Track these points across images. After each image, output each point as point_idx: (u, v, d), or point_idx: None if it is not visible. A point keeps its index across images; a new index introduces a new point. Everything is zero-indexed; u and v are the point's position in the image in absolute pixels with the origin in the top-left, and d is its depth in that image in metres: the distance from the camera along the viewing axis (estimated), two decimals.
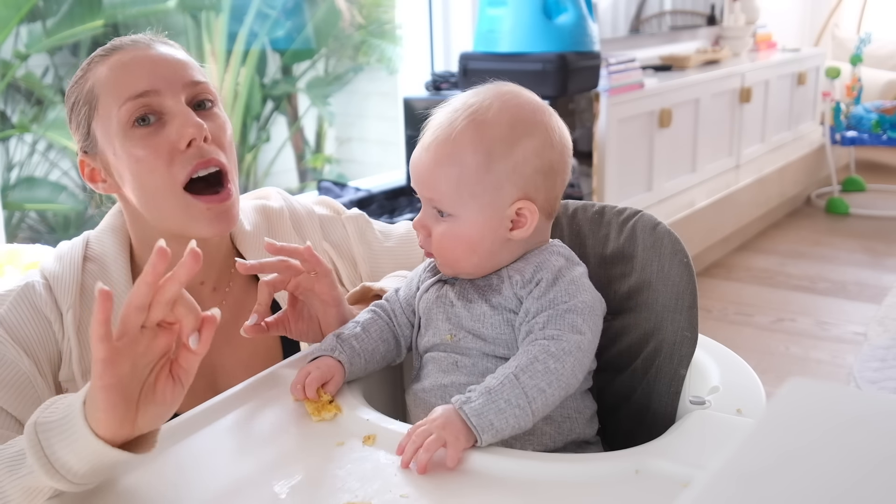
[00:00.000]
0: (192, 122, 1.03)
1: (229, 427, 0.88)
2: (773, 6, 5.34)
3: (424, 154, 0.89)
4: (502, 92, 0.91)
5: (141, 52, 1.06)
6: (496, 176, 0.88)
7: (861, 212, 4.54)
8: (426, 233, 0.92)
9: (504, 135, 0.88)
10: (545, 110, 0.91)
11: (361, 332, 0.95)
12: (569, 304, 0.86)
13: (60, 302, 1.05)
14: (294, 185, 3.57)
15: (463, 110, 0.89)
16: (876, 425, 0.42)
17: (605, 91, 3.08)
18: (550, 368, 0.82)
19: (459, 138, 0.87)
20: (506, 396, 0.80)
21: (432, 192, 0.89)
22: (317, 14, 3.39)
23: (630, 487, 0.75)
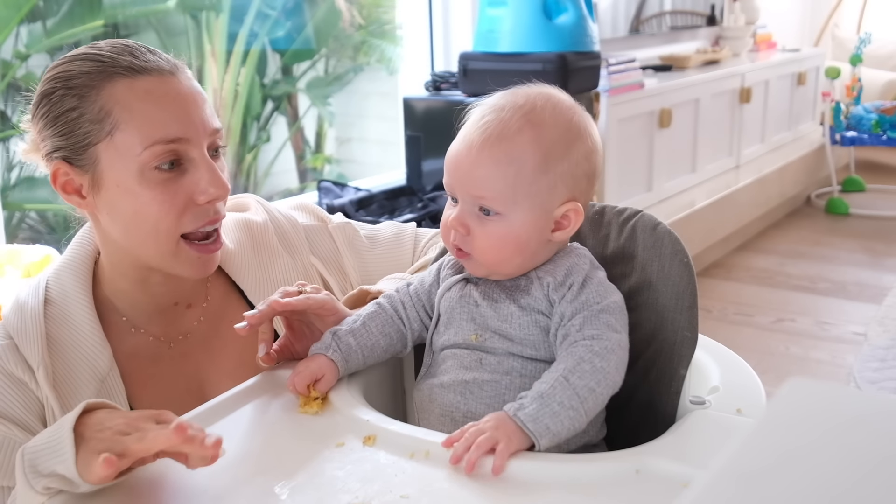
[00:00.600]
0: (218, 183, 1.02)
1: (229, 428, 0.88)
2: (773, 6, 5.34)
3: (475, 153, 0.88)
4: (550, 94, 0.92)
5: (170, 84, 1.01)
6: (552, 177, 0.88)
7: (861, 212, 4.54)
8: (465, 231, 0.90)
9: (561, 137, 0.89)
10: (588, 117, 0.94)
11: (360, 327, 0.95)
12: (602, 305, 0.87)
13: (29, 359, 1.01)
14: (294, 185, 3.57)
15: (515, 110, 0.89)
16: (876, 425, 0.42)
17: (605, 91, 3.08)
18: (598, 367, 0.83)
19: (518, 138, 0.87)
20: (559, 399, 0.80)
21: (483, 191, 0.88)
22: (317, 14, 3.39)
23: (630, 487, 0.75)
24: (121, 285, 1.09)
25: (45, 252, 1.76)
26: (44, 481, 0.79)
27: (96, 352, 1.04)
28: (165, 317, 1.12)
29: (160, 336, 1.11)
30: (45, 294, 1.07)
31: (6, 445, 0.99)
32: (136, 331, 1.10)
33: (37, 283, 1.08)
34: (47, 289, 1.08)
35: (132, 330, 1.10)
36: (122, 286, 1.09)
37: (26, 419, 1.00)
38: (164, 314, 1.12)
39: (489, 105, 0.91)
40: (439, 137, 2.87)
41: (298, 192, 3.37)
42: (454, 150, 0.91)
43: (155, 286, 1.09)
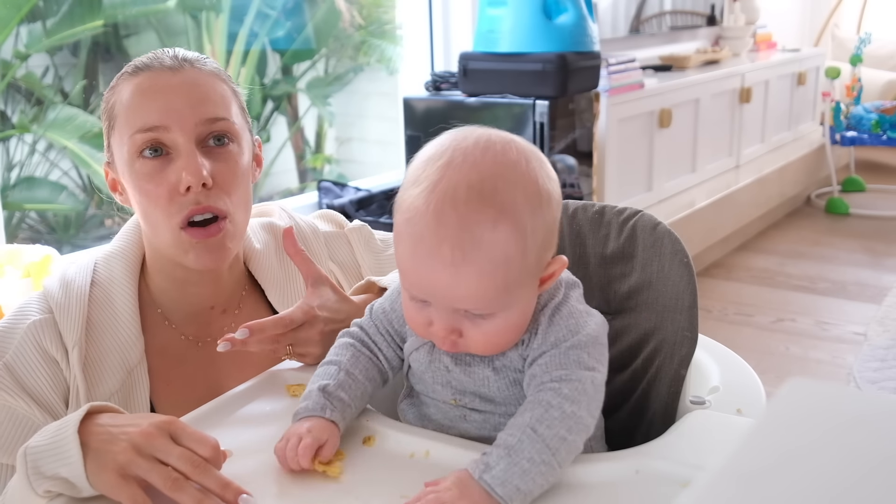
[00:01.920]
0: (193, 170, 1.01)
1: (228, 429, 0.88)
2: (773, 6, 5.34)
3: (450, 269, 0.74)
4: (498, 157, 0.76)
5: (164, 78, 1.04)
6: (537, 253, 0.78)
7: (861, 212, 4.54)
8: (458, 336, 0.79)
9: (536, 210, 0.76)
10: (538, 154, 0.80)
11: (347, 379, 0.85)
12: (572, 341, 0.79)
13: (66, 338, 1.03)
14: (294, 185, 3.57)
15: (478, 199, 0.73)
16: (876, 425, 0.42)
17: (605, 91, 3.08)
18: (567, 413, 0.74)
19: (497, 237, 0.73)
20: (527, 454, 0.72)
21: (470, 304, 0.77)
22: (317, 14, 3.39)
23: (630, 487, 0.75)
24: (162, 283, 1.12)
25: (45, 252, 1.76)
26: (46, 484, 0.79)
27: (131, 342, 1.06)
28: (200, 319, 1.14)
29: (191, 336, 1.13)
30: (92, 275, 1.09)
31: (22, 423, 1.00)
32: (170, 326, 1.12)
33: (86, 263, 1.10)
34: (95, 271, 1.10)
35: (166, 324, 1.12)
36: (163, 284, 1.12)
37: (51, 399, 1.01)
38: (200, 316, 1.14)
39: (439, 191, 0.74)
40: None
41: (298, 192, 3.37)
42: (415, 262, 0.76)
43: (192, 286, 1.11)
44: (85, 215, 2.95)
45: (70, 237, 2.88)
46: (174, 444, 0.77)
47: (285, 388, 0.95)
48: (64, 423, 0.81)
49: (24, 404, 0.99)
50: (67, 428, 0.80)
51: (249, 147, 1.11)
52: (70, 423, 0.80)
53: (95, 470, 0.77)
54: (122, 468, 0.76)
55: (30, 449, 0.81)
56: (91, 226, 2.94)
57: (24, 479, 0.80)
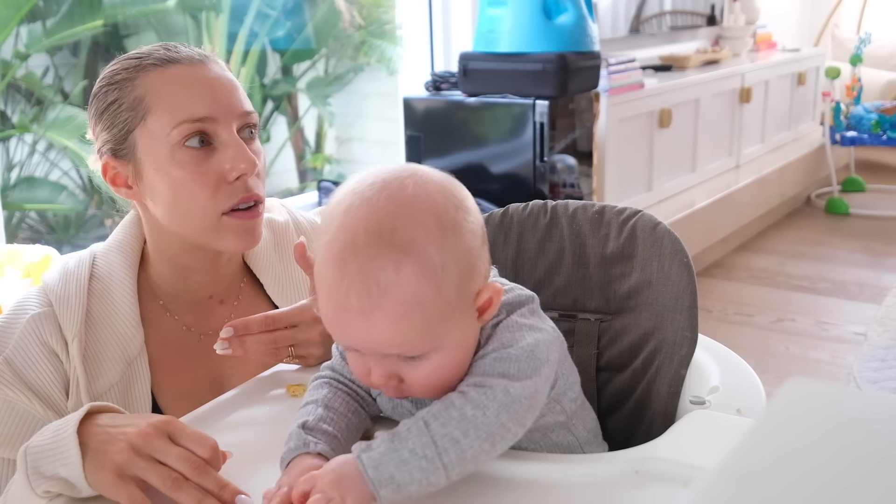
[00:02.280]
0: (246, 158, 1.05)
1: (228, 429, 0.88)
2: (773, 6, 5.34)
3: (363, 318, 0.71)
4: (395, 195, 0.73)
5: (199, 71, 1.06)
6: (455, 286, 0.73)
7: (861, 212, 4.54)
8: (397, 381, 0.76)
9: (443, 243, 0.72)
10: (443, 184, 0.76)
11: (327, 413, 0.80)
12: (500, 353, 0.75)
13: (65, 331, 1.03)
14: (294, 185, 3.57)
15: (377, 242, 0.71)
16: (876, 425, 0.42)
17: (605, 91, 3.08)
18: (468, 416, 0.70)
19: (402, 279, 0.70)
20: (410, 445, 0.69)
21: (394, 349, 0.74)
22: (317, 14, 3.39)
23: (630, 487, 0.75)
24: (163, 272, 1.13)
25: (45, 252, 1.76)
26: (45, 484, 0.79)
27: (130, 334, 1.07)
28: (200, 309, 1.15)
29: (192, 326, 1.14)
30: (91, 268, 1.10)
31: (23, 418, 1.00)
32: (171, 317, 1.13)
33: (85, 257, 1.11)
34: (94, 264, 1.11)
35: (167, 315, 1.13)
36: (164, 273, 1.13)
37: (52, 392, 1.02)
38: (199, 306, 1.15)
39: (339, 242, 0.72)
40: (439, 137, 2.87)
41: (298, 192, 3.37)
42: (331, 316, 0.74)
43: (195, 275, 1.13)
44: (85, 215, 2.95)
45: (70, 237, 2.88)
46: (172, 444, 0.77)
47: (286, 389, 0.95)
48: (64, 423, 0.81)
49: (24, 398, 1.00)
50: (67, 428, 0.80)
51: None
52: (70, 423, 0.80)
53: (94, 470, 0.77)
54: (120, 468, 0.76)
55: (30, 449, 0.81)
56: (91, 226, 2.94)
57: (24, 478, 0.80)
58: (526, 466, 0.78)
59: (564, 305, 1.02)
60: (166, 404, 1.09)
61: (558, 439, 0.85)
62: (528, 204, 1.06)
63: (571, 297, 1.02)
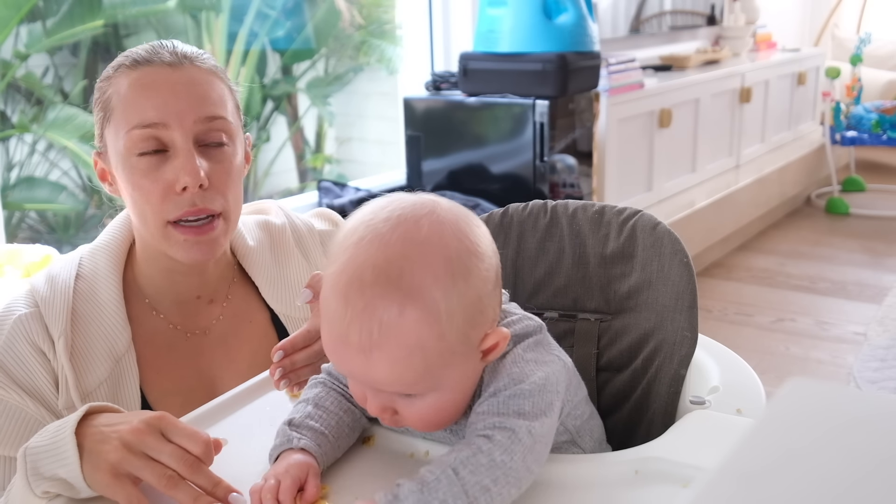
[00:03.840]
0: (190, 170, 1.02)
1: (227, 430, 0.88)
2: (773, 6, 5.34)
3: (363, 357, 0.71)
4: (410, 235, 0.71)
5: (163, 74, 1.04)
6: (460, 332, 0.72)
7: (861, 212, 4.54)
8: (392, 413, 0.76)
9: (451, 290, 0.71)
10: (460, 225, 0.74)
11: (315, 411, 0.80)
12: (513, 390, 0.74)
13: (51, 330, 1.04)
14: (294, 185, 3.57)
15: (383, 283, 0.70)
16: (876, 425, 0.42)
17: (605, 91, 3.08)
18: (497, 462, 0.69)
19: (405, 323, 0.69)
20: (441, 496, 0.67)
21: (393, 388, 0.74)
22: (317, 14, 3.39)
23: (630, 487, 0.75)
24: (149, 271, 1.13)
25: (45, 252, 1.76)
26: (44, 485, 0.80)
27: (117, 331, 1.07)
28: (187, 308, 1.15)
29: (179, 325, 1.14)
30: (77, 269, 1.10)
31: (16, 415, 1.01)
32: (158, 315, 1.13)
33: (71, 258, 1.12)
34: (80, 265, 1.11)
35: (154, 313, 1.13)
36: (149, 272, 1.13)
37: (42, 389, 1.03)
38: (186, 306, 1.15)
39: (347, 275, 0.71)
40: (439, 137, 2.87)
41: (298, 192, 3.37)
42: (333, 347, 0.73)
43: (179, 275, 1.13)
44: (85, 215, 2.95)
45: (70, 237, 2.88)
46: (165, 441, 0.77)
47: (285, 389, 0.95)
48: (63, 423, 0.81)
49: (16, 396, 1.01)
50: (65, 429, 0.80)
51: (241, 145, 1.12)
52: (68, 424, 0.80)
53: (91, 471, 0.77)
54: (115, 467, 0.76)
55: (29, 450, 0.81)
56: (91, 226, 2.94)
57: (24, 479, 0.80)
58: None
59: (564, 305, 1.02)
60: (155, 400, 1.09)
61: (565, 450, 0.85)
62: (528, 204, 1.06)
63: (571, 296, 1.02)
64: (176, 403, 1.08)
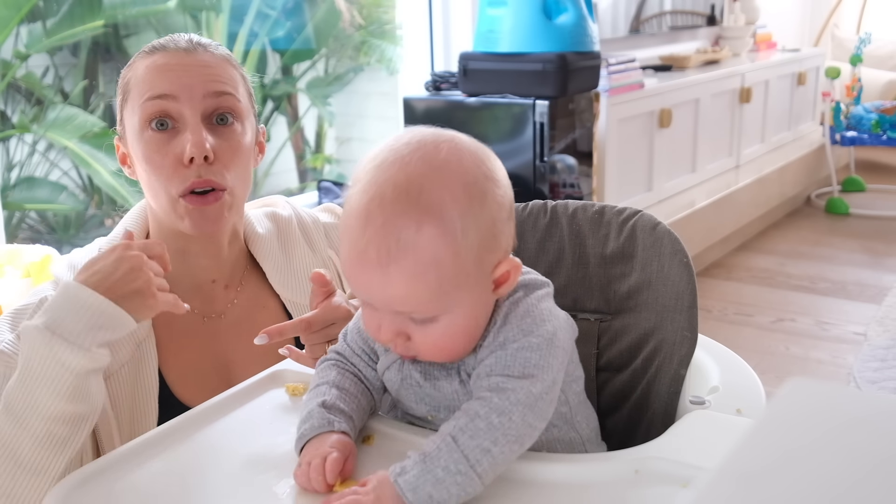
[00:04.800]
0: (197, 142, 1.07)
1: (227, 429, 0.88)
2: (773, 6, 5.35)
3: (379, 272, 0.73)
4: (430, 158, 0.74)
5: (178, 57, 1.10)
6: (475, 254, 0.75)
7: (861, 212, 4.54)
8: (405, 339, 0.78)
9: (467, 210, 0.74)
10: (477, 153, 0.78)
11: (340, 393, 0.83)
12: (522, 343, 0.76)
13: None
14: (294, 185, 3.57)
15: (403, 200, 0.72)
16: (876, 425, 0.42)
17: (605, 91, 3.08)
18: (494, 424, 0.72)
19: (422, 238, 0.72)
20: (443, 463, 0.70)
21: (406, 307, 0.75)
22: (317, 14, 3.39)
23: (630, 487, 0.75)
24: None
25: (45, 252, 1.76)
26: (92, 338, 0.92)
27: None
28: (204, 293, 1.19)
29: (196, 309, 1.18)
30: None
31: None
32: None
33: (90, 247, 1.18)
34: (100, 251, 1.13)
35: None
36: None
37: None
38: (202, 290, 1.19)
39: (369, 194, 0.73)
40: None
41: (298, 191, 3.37)
42: (351, 266, 0.75)
43: (193, 258, 1.17)
44: (85, 215, 2.95)
45: (70, 237, 2.88)
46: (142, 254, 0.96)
47: (286, 388, 0.95)
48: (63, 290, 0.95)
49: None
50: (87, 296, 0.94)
51: (253, 130, 1.16)
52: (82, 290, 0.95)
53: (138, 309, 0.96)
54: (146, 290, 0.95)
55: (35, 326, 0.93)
56: (91, 226, 2.94)
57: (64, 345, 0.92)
58: (526, 466, 0.78)
59: (564, 305, 1.01)
60: (173, 382, 1.13)
61: (561, 434, 0.85)
62: (528, 204, 1.06)
63: (571, 296, 1.02)
64: (193, 385, 1.13)
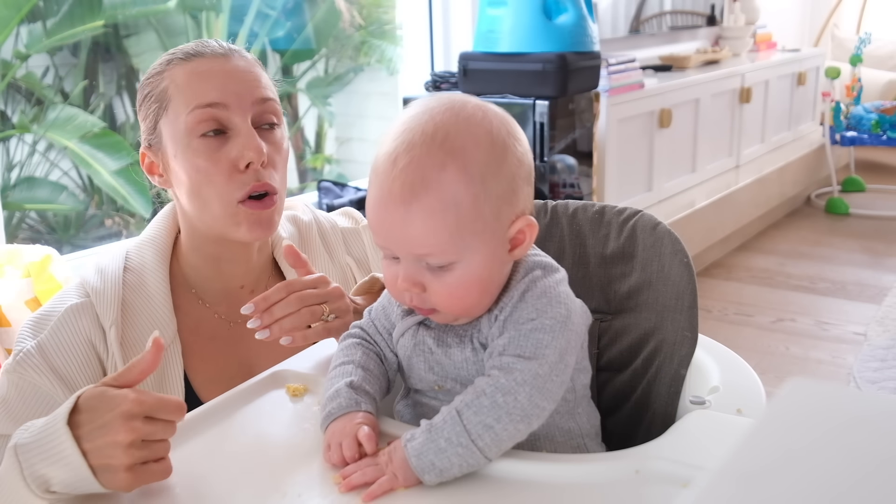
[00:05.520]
0: (254, 146, 1.07)
1: (228, 429, 0.88)
2: (773, 6, 5.35)
3: (401, 209, 0.77)
4: (458, 109, 0.79)
5: (218, 63, 1.10)
6: (493, 203, 0.79)
7: (861, 212, 4.54)
8: (420, 289, 0.80)
9: (488, 156, 0.78)
10: (502, 114, 0.83)
11: (366, 374, 0.86)
12: (535, 323, 0.78)
13: (103, 319, 1.09)
14: (294, 185, 3.57)
15: (429, 143, 0.77)
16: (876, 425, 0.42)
17: (605, 91, 3.08)
18: (498, 403, 0.75)
19: (444, 177, 0.76)
20: (446, 435, 0.74)
21: (425, 249, 0.78)
22: (317, 14, 3.39)
23: (630, 487, 0.75)
24: (195, 261, 1.17)
25: (45, 252, 1.76)
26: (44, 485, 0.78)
27: (164, 322, 1.12)
28: (232, 298, 1.19)
29: (223, 314, 1.18)
30: (125, 262, 1.15)
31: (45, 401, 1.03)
32: (203, 305, 1.18)
33: (118, 252, 1.17)
34: (127, 257, 1.16)
35: (199, 303, 1.18)
36: (196, 262, 1.17)
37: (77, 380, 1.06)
38: (231, 295, 1.19)
39: (398, 140, 0.78)
40: None
41: (298, 192, 3.37)
42: (375, 207, 0.79)
43: (226, 264, 1.17)
44: (85, 215, 2.95)
45: (70, 237, 2.88)
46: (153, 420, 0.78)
47: (286, 388, 0.95)
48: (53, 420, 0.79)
49: (48, 382, 1.04)
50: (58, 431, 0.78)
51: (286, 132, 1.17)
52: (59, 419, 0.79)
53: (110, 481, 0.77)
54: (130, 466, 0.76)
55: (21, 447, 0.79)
56: (91, 226, 2.94)
57: (20, 479, 0.78)
58: (526, 466, 0.78)
59: None
60: (199, 387, 1.14)
61: (561, 422, 0.85)
62: None
63: None
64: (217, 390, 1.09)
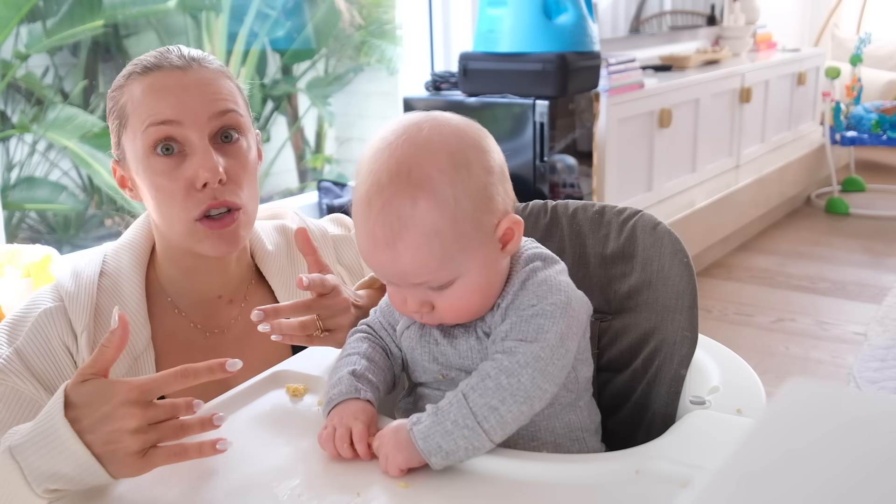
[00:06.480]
0: (209, 166, 1.05)
1: (228, 429, 0.88)
2: (773, 6, 5.34)
3: (388, 250, 0.80)
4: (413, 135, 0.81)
5: (174, 77, 1.07)
6: (472, 218, 0.81)
7: (861, 212, 4.54)
8: (429, 309, 0.84)
9: (454, 179, 0.80)
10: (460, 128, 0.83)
11: (370, 364, 0.88)
12: (536, 308, 0.81)
13: (75, 324, 1.08)
14: (294, 185, 3.57)
15: (395, 181, 0.79)
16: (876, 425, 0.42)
17: (605, 91, 3.08)
18: (503, 385, 0.77)
19: (417, 211, 0.79)
20: (452, 417, 0.77)
21: (420, 278, 0.82)
22: (317, 14, 3.39)
23: (630, 487, 0.75)
24: (170, 271, 1.16)
25: (45, 252, 1.76)
26: (46, 483, 0.79)
27: (137, 329, 1.10)
28: (207, 308, 1.17)
29: (199, 324, 1.17)
30: (101, 266, 1.13)
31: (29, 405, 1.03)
32: (179, 314, 1.16)
33: (95, 255, 1.15)
34: (104, 262, 1.14)
35: (175, 311, 1.16)
36: (171, 272, 1.16)
37: (57, 384, 1.05)
38: (207, 305, 1.18)
39: (368, 183, 0.81)
40: None
41: (298, 192, 3.37)
42: (365, 251, 0.83)
43: (201, 275, 1.15)
44: (85, 215, 2.95)
45: (70, 237, 2.88)
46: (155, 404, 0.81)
47: (286, 389, 0.95)
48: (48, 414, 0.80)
49: (31, 387, 1.03)
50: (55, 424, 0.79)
51: (254, 141, 1.14)
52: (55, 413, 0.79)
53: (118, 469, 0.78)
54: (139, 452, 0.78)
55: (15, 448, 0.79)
56: (91, 226, 2.94)
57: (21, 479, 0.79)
58: (526, 466, 0.78)
59: None
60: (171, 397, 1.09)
61: (563, 412, 0.86)
62: (528, 204, 1.06)
63: None
64: None
